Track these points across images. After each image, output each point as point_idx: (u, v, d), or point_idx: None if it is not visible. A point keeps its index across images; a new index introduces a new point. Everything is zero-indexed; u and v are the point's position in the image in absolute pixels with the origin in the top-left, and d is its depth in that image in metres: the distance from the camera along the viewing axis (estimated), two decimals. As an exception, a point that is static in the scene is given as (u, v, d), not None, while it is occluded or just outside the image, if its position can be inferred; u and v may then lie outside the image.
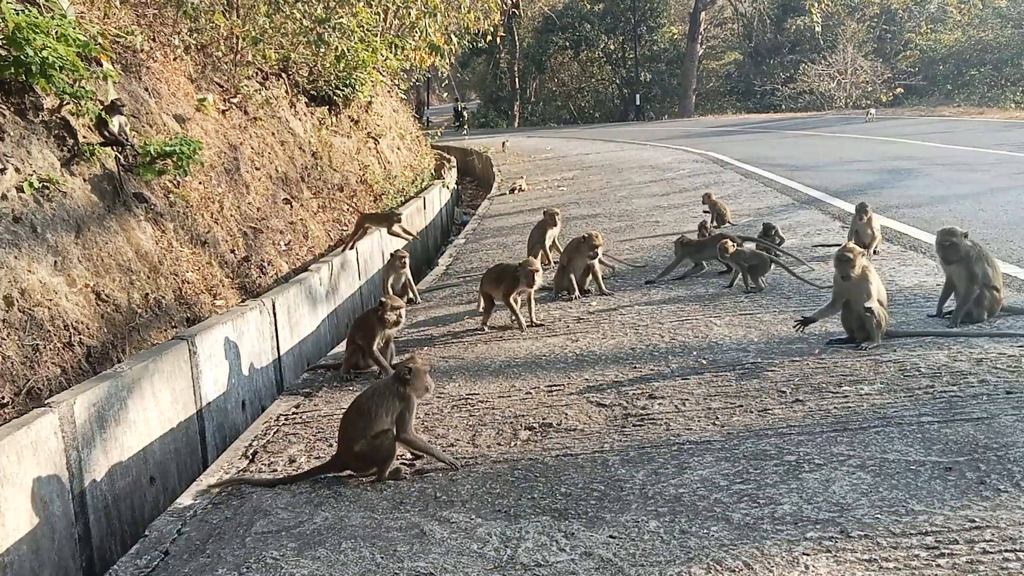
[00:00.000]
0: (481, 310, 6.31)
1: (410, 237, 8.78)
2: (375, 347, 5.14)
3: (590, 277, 6.78)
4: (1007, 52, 32.12)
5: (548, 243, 8.02)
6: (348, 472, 3.74)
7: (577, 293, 6.72)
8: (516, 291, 5.90)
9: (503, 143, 25.15)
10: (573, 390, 4.56)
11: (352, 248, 8.29)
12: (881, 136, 19.53)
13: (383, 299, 5.27)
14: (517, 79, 46.92)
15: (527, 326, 5.96)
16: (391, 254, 7.11)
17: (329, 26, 10.76)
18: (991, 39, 33.72)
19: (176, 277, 6.08)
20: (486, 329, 6.06)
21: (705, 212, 8.99)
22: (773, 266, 6.37)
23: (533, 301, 6.13)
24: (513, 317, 5.99)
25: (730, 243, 6.40)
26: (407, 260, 6.98)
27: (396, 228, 8.40)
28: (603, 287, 6.70)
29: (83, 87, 5.81)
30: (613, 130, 32.00)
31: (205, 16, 8.86)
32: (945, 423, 3.58)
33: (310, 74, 11.80)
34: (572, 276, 6.74)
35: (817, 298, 5.82)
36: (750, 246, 6.71)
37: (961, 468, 3.16)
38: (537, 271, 5.84)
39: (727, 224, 8.53)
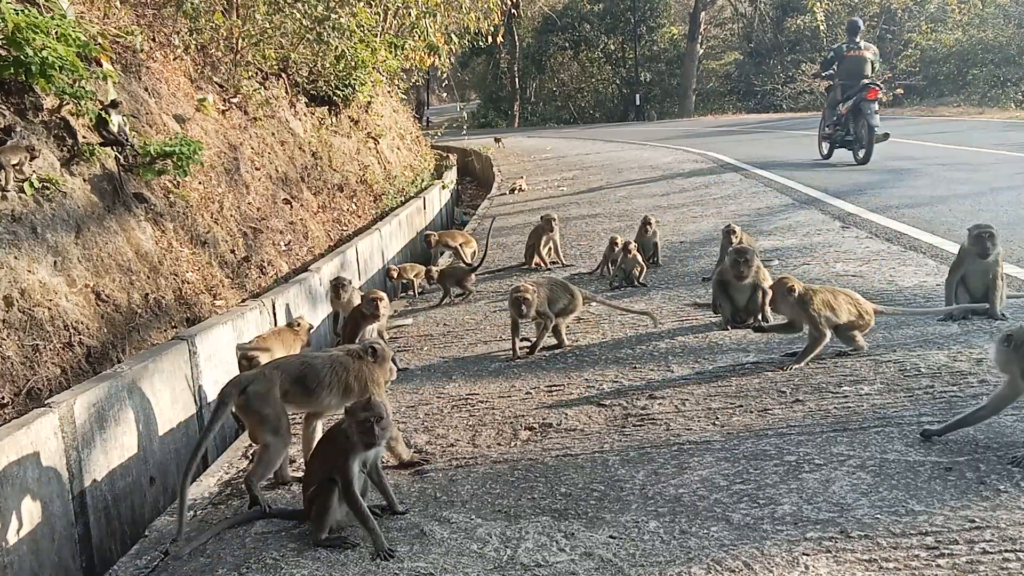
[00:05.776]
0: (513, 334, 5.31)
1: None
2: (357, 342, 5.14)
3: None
4: (1008, 51, 32.07)
5: (544, 247, 8.06)
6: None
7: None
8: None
9: (495, 139, 24.55)
10: (573, 390, 4.56)
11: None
12: (881, 136, 19.47)
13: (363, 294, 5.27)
14: (517, 79, 46.87)
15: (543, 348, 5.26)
16: (364, 296, 5.60)
17: (329, 26, 10.76)
18: (991, 39, 33.69)
19: (176, 277, 6.08)
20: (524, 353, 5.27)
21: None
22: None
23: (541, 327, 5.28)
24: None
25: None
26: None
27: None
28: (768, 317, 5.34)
29: (83, 87, 5.81)
30: (613, 130, 31.98)
31: (205, 16, 8.87)
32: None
33: (310, 74, 11.81)
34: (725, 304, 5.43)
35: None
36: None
37: (961, 468, 3.16)
38: (524, 299, 5.07)
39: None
